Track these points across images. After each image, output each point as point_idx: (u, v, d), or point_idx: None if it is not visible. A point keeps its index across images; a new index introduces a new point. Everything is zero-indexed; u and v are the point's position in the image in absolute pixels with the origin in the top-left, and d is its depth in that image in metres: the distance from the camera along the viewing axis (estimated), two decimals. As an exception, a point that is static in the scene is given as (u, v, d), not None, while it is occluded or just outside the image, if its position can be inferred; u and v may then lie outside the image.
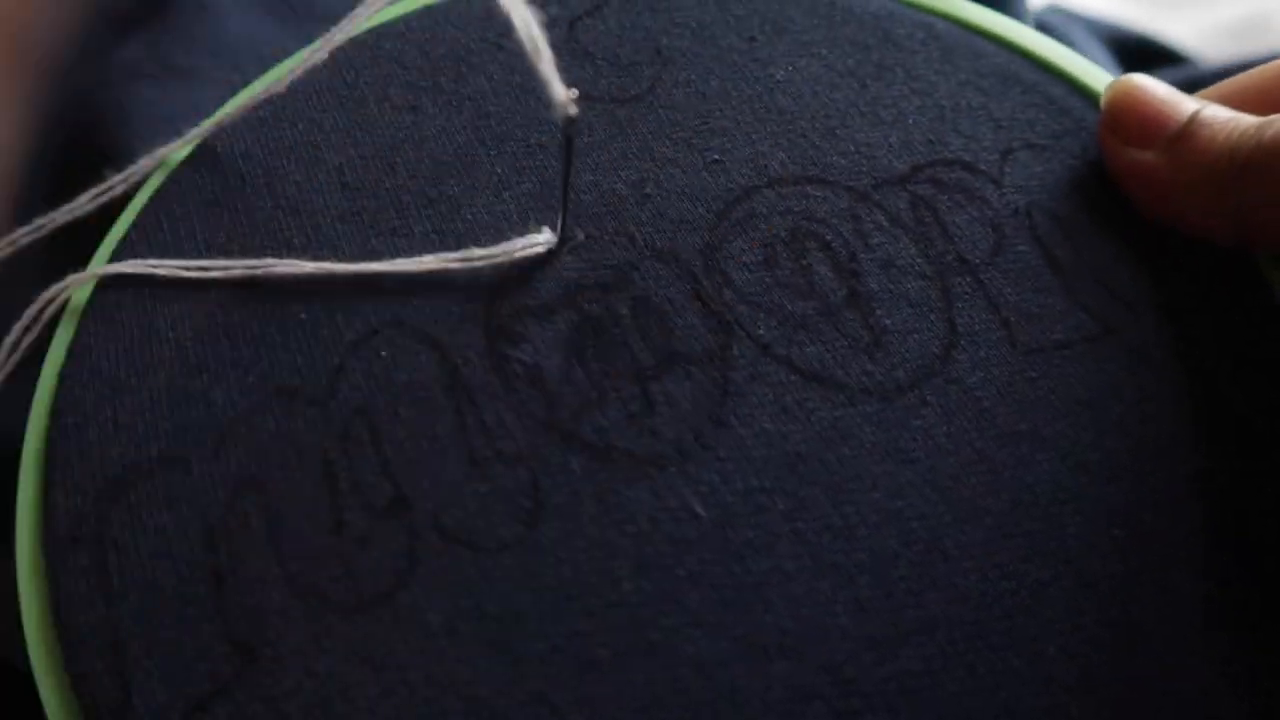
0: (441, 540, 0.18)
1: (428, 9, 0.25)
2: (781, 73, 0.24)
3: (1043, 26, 0.39)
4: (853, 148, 0.23)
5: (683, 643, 0.17)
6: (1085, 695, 0.17)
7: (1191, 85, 0.23)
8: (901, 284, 0.21)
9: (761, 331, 0.20)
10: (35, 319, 0.21)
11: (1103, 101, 0.23)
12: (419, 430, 0.19)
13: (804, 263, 0.21)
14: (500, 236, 0.21)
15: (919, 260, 0.21)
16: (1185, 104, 0.22)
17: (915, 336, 0.20)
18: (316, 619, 0.17)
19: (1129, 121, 0.22)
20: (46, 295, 0.21)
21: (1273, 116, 0.20)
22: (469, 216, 0.22)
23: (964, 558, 0.18)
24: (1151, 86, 0.22)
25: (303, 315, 0.20)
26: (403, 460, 0.18)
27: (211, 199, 0.22)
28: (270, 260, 0.21)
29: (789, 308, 0.20)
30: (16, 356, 0.20)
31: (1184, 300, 0.21)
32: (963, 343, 0.20)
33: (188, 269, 0.21)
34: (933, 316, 0.20)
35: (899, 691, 0.17)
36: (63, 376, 0.20)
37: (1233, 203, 0.20)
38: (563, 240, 0.21)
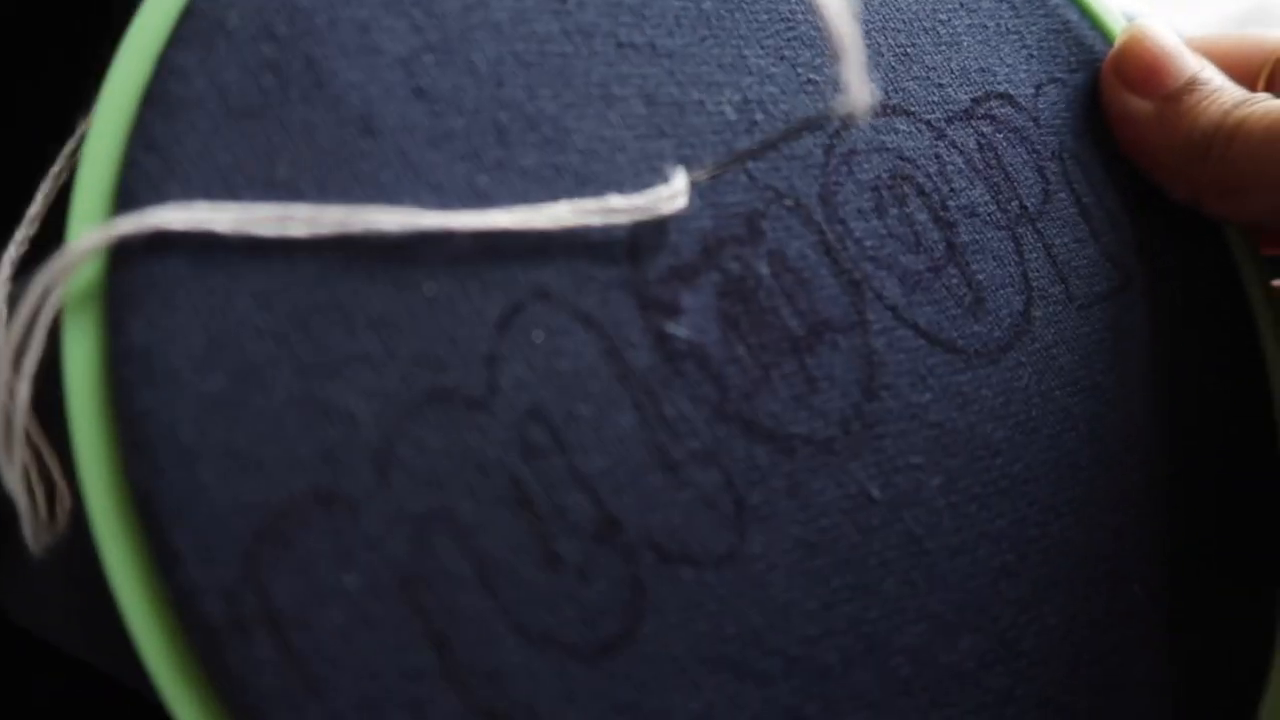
0: (661, 561, 0.17)
1: None
2: None
3: None
4: (922, 72, 0.22)
5: (893, 633, 0.18)
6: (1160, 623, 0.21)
7: None
8: (984, 235, 0.22)
9: (887, 293, 0.20)
10: (32, 316, 0.14)
11: (1116, 43, 0.24)
12: (604, 433, 0.17)
13: (906, 210, 0.21)
14: (619, 171, 0.18)
15: (994, 209, 0.22)
16: (1187, 63, 0.23)
17: (1003, 293, 0.21)
18: (562, 671, 0.16)
19: (1134, 68, 0.23)
20: (42, 280, 0.14)
21: (1249, 98, 0.23)
22: (580, 144, 0.18)
23: (1070, 514, 0.21)
24: (1162, 38, 0.24)
25: (429, 287, 0.16)
26: (597, 471, 0.17)
27: (243, 105, 0.16)
28: (372, 209, 0.16)
29: (904, 263, 0.20)
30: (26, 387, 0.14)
31: (1175, 258, 0.24)
32: (1036, 299, 0.22)
33: (262, 221, 0.15)
34: (1012, 270, 0.22)
35: (1045, 647, 0.19)
36: (124, 395, 0.14)
37: (1200, 171, 0.23)
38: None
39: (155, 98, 0.16)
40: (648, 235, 0.18)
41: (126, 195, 0.15)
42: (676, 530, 0.17)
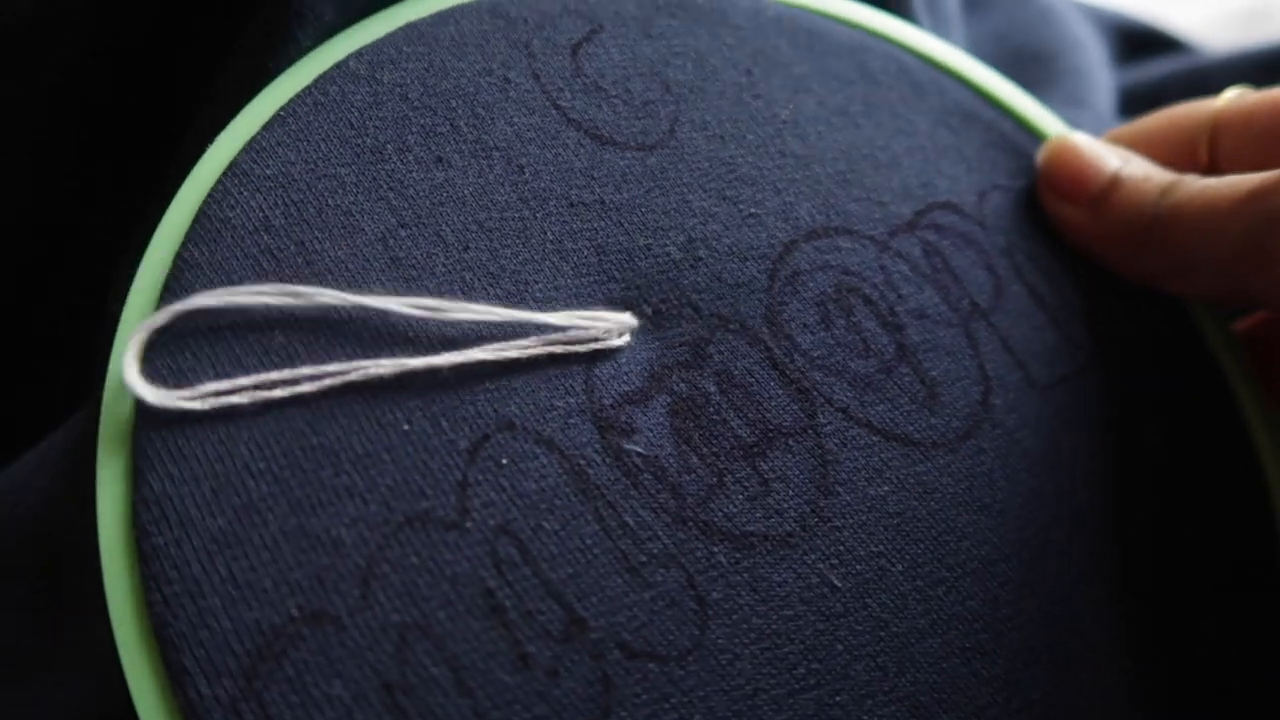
0: (627, 657, 0.18)
1: (413, 29, 0.23)
2: (785, 112, 0.25)
3: (1045, 15, 0.40)
4: (863, 193, 0.24)
5: (864, 714, 0.19)
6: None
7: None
8: (935, 334, 0.23)
9: (838, 396, 0.22)
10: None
11: (1039, 158, 0.26)
12: (569, 543, 0.19)
13: (854, 319, 0.23)
14: (574, 311, 0.21)
15: (944, 308, 0.24)
16: (1109, 162, 0.25)
17: (960, 385, 0.23)
18: None
19: (1059, 178, 0.25)
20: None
21: (1175, 181, 0.24)
22: (538, 294, 0.21)
23: (1045, 591, 0.21)
24: (1080, 145, 0.25)
25: (406, 426, 0.19)
26: (563, 577, 0.18)
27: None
28: (364, 362, 0.19)
29: (853, 368, 0.22)
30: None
31: (1139, 333, 0.25)
32: (995, 387, 0.23)
33: (272, 386, 0.18)
34: (967, 363, 0.23)
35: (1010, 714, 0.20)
36: (143, 533, 0.17)
37: (1146, 259, 0.24)
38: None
39: (171, 287, 0.19)
40: (600, 368, 0.20)
41: (149, 369, 0.18)
42: (641, 628, 0.18)
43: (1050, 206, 0.25)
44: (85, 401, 0.20)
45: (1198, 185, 0.23)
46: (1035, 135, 0.27)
